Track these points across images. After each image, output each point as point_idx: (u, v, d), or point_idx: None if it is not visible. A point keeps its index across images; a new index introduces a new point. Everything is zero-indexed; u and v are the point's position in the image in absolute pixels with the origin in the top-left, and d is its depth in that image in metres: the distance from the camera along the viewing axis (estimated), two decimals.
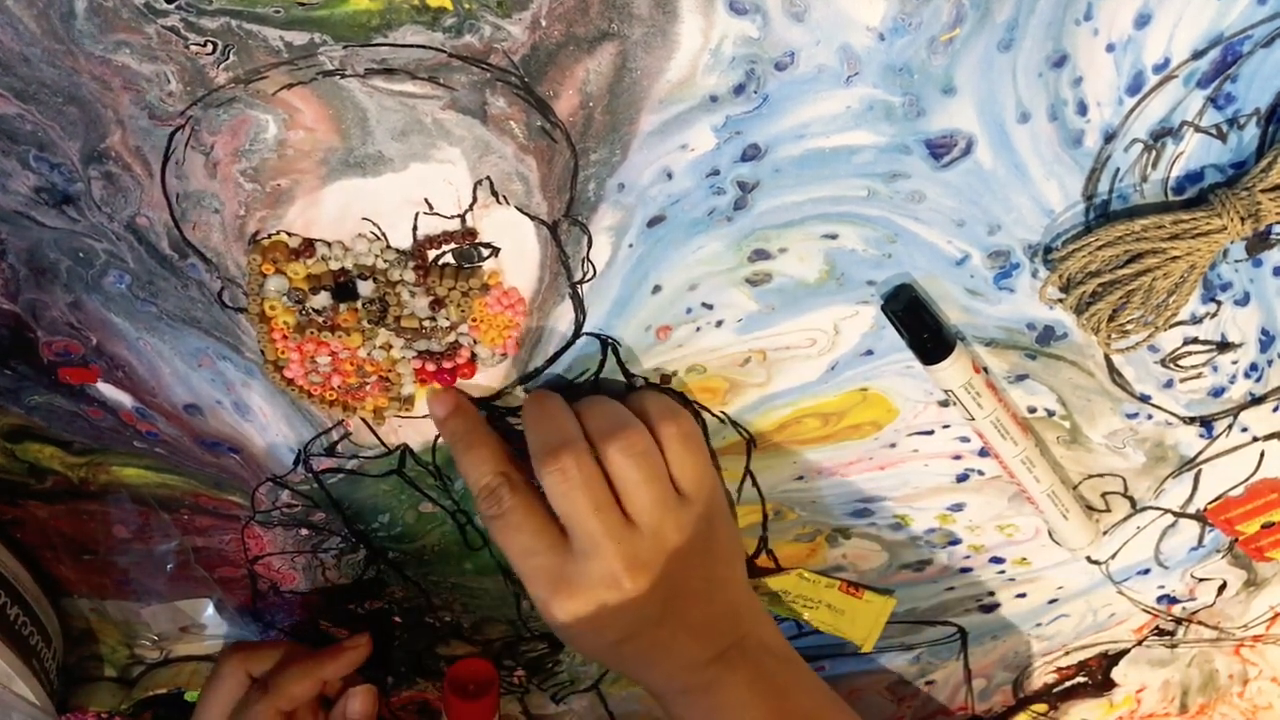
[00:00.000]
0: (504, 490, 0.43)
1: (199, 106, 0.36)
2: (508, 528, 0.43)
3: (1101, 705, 0.63)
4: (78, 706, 0.58)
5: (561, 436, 0.42)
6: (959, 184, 0.39)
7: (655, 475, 0.42)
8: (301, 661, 0.53)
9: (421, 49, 0.35)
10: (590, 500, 0.41)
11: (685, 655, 0.44)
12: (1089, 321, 0.41)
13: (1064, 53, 0.36)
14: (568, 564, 0.42)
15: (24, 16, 0.33)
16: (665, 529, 0.43)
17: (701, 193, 0.39)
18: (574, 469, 0.41)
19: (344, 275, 0.40)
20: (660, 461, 0.43)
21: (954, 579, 0.55)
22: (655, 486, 0.42)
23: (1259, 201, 0.37)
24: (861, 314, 0.43)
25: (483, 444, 0.44)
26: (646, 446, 0.42)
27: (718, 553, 0.45)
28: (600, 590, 0.42)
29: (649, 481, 0.42)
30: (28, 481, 0.49)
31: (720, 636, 0.44)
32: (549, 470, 0.41)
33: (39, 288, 0.41)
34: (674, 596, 0.43)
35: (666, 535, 0.43)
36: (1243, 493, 0.50)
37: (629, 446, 0.42)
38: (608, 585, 0.42)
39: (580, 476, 0.41)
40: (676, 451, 0.43)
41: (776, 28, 0.35)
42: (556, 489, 0.42)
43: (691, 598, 0.44)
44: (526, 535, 0.43)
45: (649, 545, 0.42)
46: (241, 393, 0.45)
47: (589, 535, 0.42)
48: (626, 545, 0.42)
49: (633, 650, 0.44)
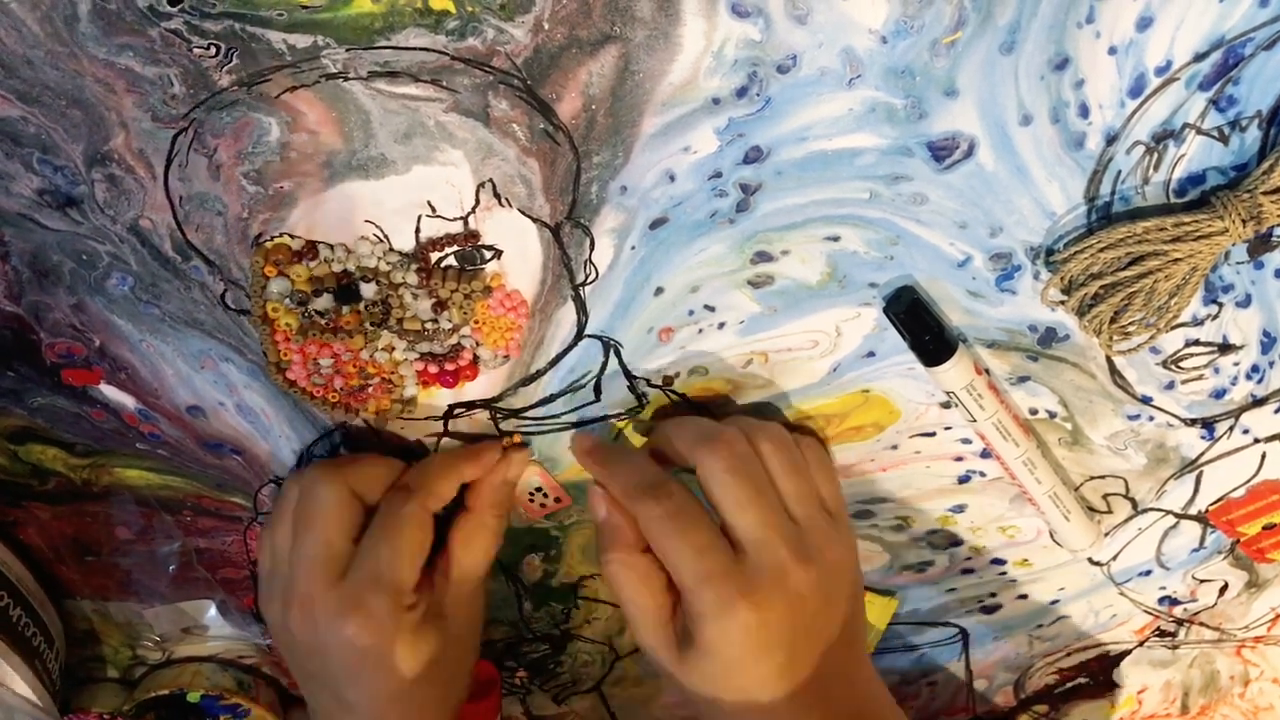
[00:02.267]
0: (672, 484, 0.41)
1: (202, 109, 0.36)
2: (681, 524, 0.40)
3: (1103, 706, 0.63)
4: (80, 707, 0.58)
5: (717, 427, 0.41)
6: (961, 186, 0.39)
7: (803, 471, 0.42)
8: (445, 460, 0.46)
9: (424, 52, 0.35)
10: (756, 481, 0.40)
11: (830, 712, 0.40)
12: (1091, 323, 0.41)
13: (1066, 55, 0.36)
14: (740, 562, 0.39)
15: (28, 19, 0.34)
16: (819, 529, 0.41)
17: (704, 195, 0.39)
18: (741, 445, 0.40)
19: (346, 277, 0.41)
20: (805, 463, 0.42)
21: (956, 580, 0.55)
22: (805, 480, 0.41)
23: (1260, 204, 0.37)
24: (863, 316, 0.43)
25: (634, 454, 0.44)
26: (791, 443, 0.42)
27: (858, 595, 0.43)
28: (777, 586, 0.39)
29: (799, 473, 0.41)
30: (30, 483, 0.49)
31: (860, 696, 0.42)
32: (714, 452, 0.40)
33: (42, 290, 0.41)
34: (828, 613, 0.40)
35: (820, 538, 0.41)
36: (1244, 494, 0.50)
37: (776, 436, 0.41)
38: (782, 578, 0.39)
39: (746, 454, 0.40)
40: (818, 469, 0.43)
41: (779, 30, 0.35)
42: (720, 468, 0.40)
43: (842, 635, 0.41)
44: (702, 531, 0.40)
45: (809, 540, 0.40)
46: (244, 394, 0.45)
47: (758, 523, 0.39)
48: (792, 536, 0.40)
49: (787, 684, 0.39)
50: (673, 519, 0.40)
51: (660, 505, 0.40)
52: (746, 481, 0.40)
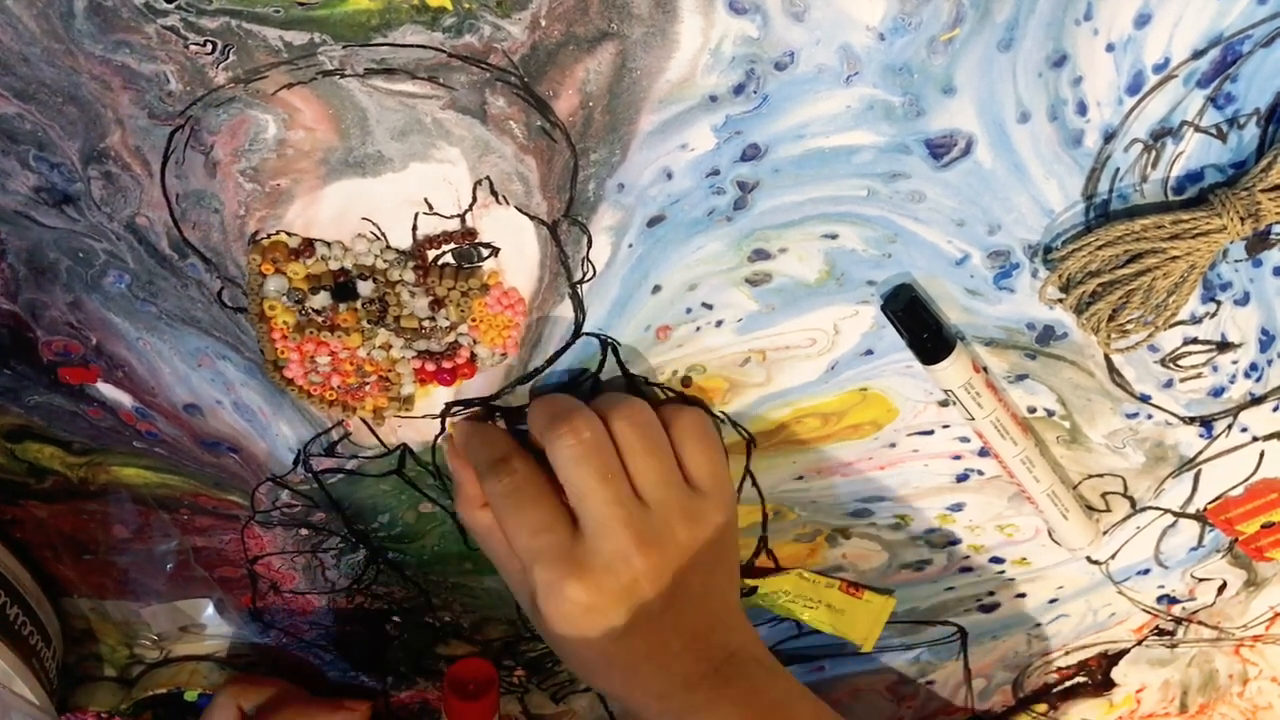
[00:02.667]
0: (515, 460, 0.42)
1: (199, 106, 0.36)
2: (519, 502, 0.41)
3: (1101, 705, 0.63)
4: (77, 706, 0.58)
5: (570, 406, 0.41)
6: (959, 184, 0.39)
7: (660, 448, 0.42)
8: (295, 705, 0.54)
9: (421, 49, 0.35)
10: (600, 466, 0.40)
11: (677, 667, 0.42)
12: (1089, 321, 0.41)
13: (1064, 52, 0.36)
14: (578, 544, 0.41)
15: (24, 16, 0.33)
16: (671, 511, 0.41)
17: (701, 192, 0.39)
18: (585, 431, 0.40)
19: (344, 275, 0.40)
20: (665, 440, 0.42)
21: (954, 579, 0.55)
22: (661, 460, 0.41)
23: (1259, 201, 0.37)
24: (861, 314, 0.43)
25: (490, 429, 0.44)
26: (650, 419, 0.42)
27: (722, 555, 0.44)
28: (611, 570, 0.40)
29: (654, 453, 0.41)
30: (27, 481, 0.49)
31: (713, 649, 0.43)
32: (559, 434, 0.40)
33: (39, 288, 0.41)
34: (676, 590, 0.41)
35: (672, 519, 0.41)
36: (1242, 493, 0.50)
37: (631, 416, 0.41)
38: (619, 563, 0.40)
39: (592, 439, 0.40)
40: (688, 443, 0.43)
41: (776, 27, 0.35)
42: (567, 453, 0.40)
43: (690, 599, 0.42)
44: (539, 509, 0.41)
45: (657, 523, 0.41)
46: (241, 393, 0.45)
47: (600, 506, 0.40)
48: (637, 520, 0.40)
49: (625, 653, 0.42)
50: (510, 496, 0.41)
51: (500, 483, 0.42)
52: (589, 466, 0.40)
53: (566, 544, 0.41)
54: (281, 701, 0.54)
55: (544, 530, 0.41)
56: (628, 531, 0.40)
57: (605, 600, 0.40)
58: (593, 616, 0.41)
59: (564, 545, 0.41)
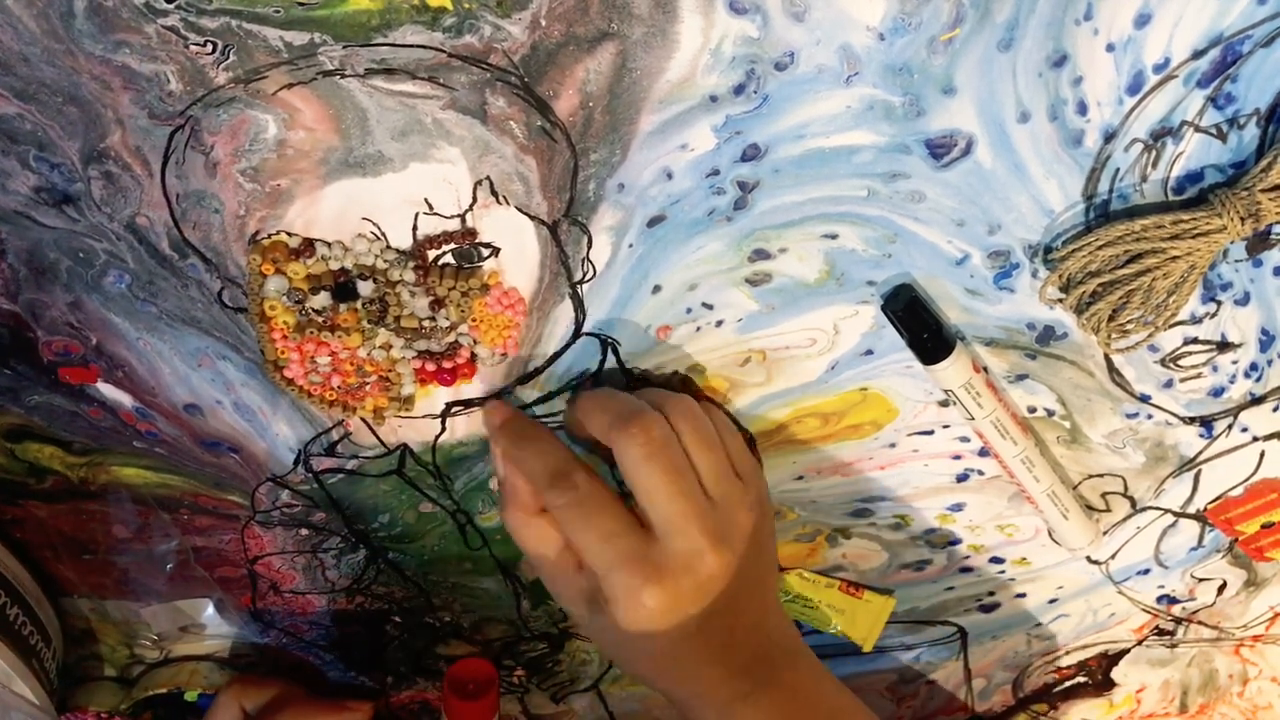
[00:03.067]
0: (579, 474, 0.41)
1: (199, 106, 0.36)
2: (587, 512, 0.41)
3: (1101, 705, 0.63)
4: (77, 706, 0.58)
5: (634, 406, 0.41)
6: (959, 184, 0.39)
7: (716, 444, 0.42)
8: (296, 705, 0.54)
9: (421, 49, 0.35)
10: (672, 464, 0.40)
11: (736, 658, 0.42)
12: (1089, 321, 0.41)
13: (1064, 52, 0.36)
14: (652, 545, 0.40)
15: (24, 16, 0.33)
16: (733, 505, 0.41)
17: (701, 193, 0.39)
18: (655, 429, 0.40)
19: (344, 275, 0.40)
20: (717, 435, 0.42)
21: (954, 579, 0.55)
22: (719, 454, 0.42)
23: (1259, 201, 0.37)
24: (861, 314, 0.43)
25: (543, 436, 0.43)
26: (704, 415, 0.42)
27: (766, 545, 0.44)
28: (689, 570, 0.40)
29: (713, 448, 0.41)
30: (28, 481, 0.49)
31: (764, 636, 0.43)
32: (630, 433, 0.40)
33: (39, 288, 0.41)
34: (739, 583, 0.41)
35: (735, 511, 0.41)
36: (1242, 493, 0.50)
37: (690, 411, 0.41)
38: (695, 562, 0.40)
39: (662, 438, 0.40)
40: (725, 435, 0.43)
41: (776, 27, 0.35)
42: (639, 452, 0.40)
43: (747, 589, 0.42)
44: (608, 517, 0.40)
45: (723, 518, 0.41)
46: (241, 393, 0.45)
47: (673, 506, 0.40)
48: (708, 517, 0.40)
49: (691, 651, 0.42)
50: (578, 507, 0.41)
51: (564, 495, 0.41)
52: (665, 468, 0.40)
53: (641, 548, 0.40)
54: (283, 702, 0.55)
55: (618, 536, 0.40)
56: (700, 529, 0.40)
57: (683, 601, 0.40)
58: (669, 618, 0.40)
59: (639, 550, 0.40)
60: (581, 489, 0.41)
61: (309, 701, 0.56)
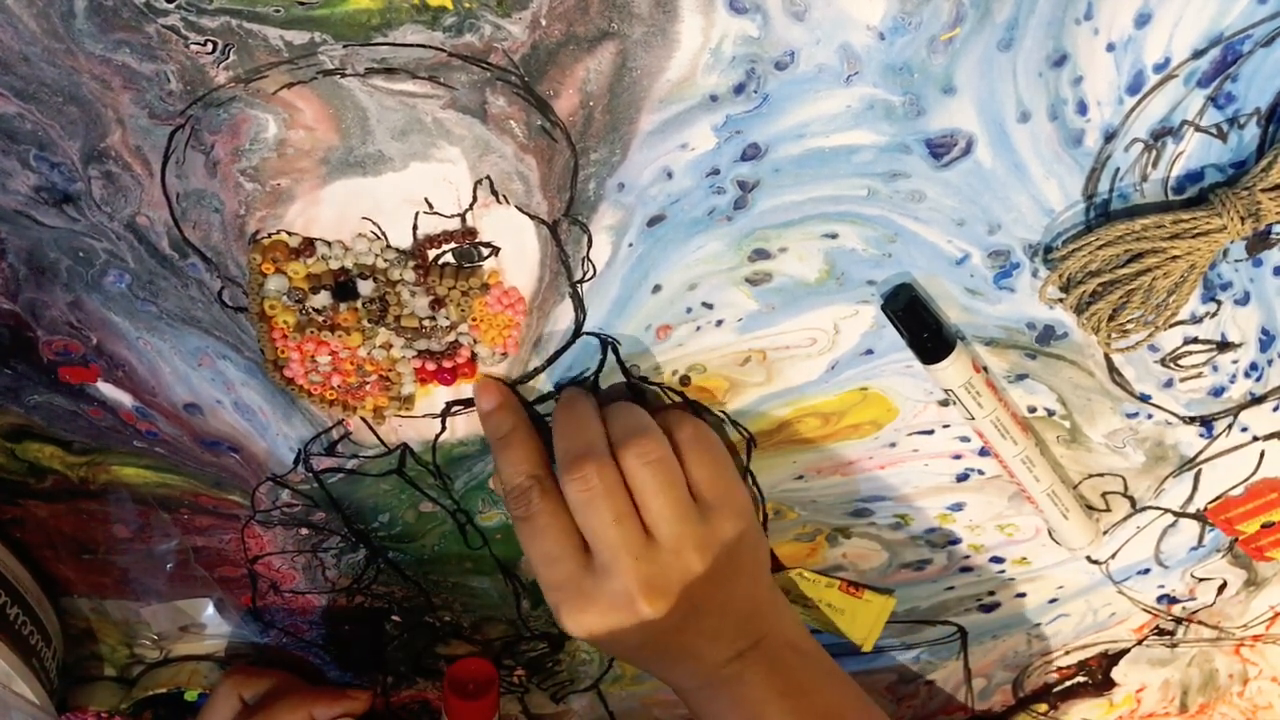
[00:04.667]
0: (534, 494, 0.43)
1: (199, 106, 0.36)
2: (534, 531, 0.43)
3: (1101, 705, 0.63)
4: (78, 706, 0.58)
5: (586, 445, 0.42)
6: (959, 183, 0.39)
7: (671, 483, 0.42)
8: (295, 694, 0.55)
9: (421, 48, 0.35)
10: (611, 510, 0.41)
11: (704, 657, 0.44)
12: (1089, 321, 0.41)
13: (1064, 52, 0.36)
14: (586, 577, 0.42)
15: (24, 16, 0.33)
16: (684, 545, 0.42)
17: (701, 192, 0.39)
18: (595, 478, 0.41)
19: (344, 274, 0.40)
20: (677, 471, 0.43)
21: (954, 578, 0.55)
22: (671, 495, 0.42)
23: (1259, 201, 0.37)
24: (861, 313, 0.43)
25: (521, 444, 0.44)
26: (663, 454, 0.42)
27: (740, 563, 0.44)
28: (615, 610, 0.42)
29: (665, 490, 0.42)
30: (28, 481, 0.49)
31: (739, 638, 0.44)
32: (572, 479, 0.41)
33: (39, 287, 0.41)
34: (691, 612, 0.43)
35: (685, 553, 0.42)
36: (1243, 492, 0.50)
37: (645, 453, 0.42)
38: (622, 605, 0.42)
39: (602, 486, 0.41)
40: (691, 455, 0.43)
41: (777, 27, 0.35)
42: (579, 498, 0.42)
43: (708, 611, 0.43)
44: (550, 541, 0.42)
45: (667, 563, 0.42)
46: (241, 392, 0.45)
47: (609, 548, 0.42)
48: (645, 564, 0.42)
49: (650, 654, 0.44)
50: (528, 523, 0.43)
51: (518, 509, 0.43)
52: (600, 509, 0.41)
53: (577, 575, 0.42)
54: (282, 691, 0.55)
55: (557, 561, 0.43)
56: (634, 576, 0.41)
57: (611, 631, 0.42)
58: (603, 641, 0.43)
59: (574, 577, 0.42)
60: (534, 507, 0.43)
61: (308, 690, 0.56)
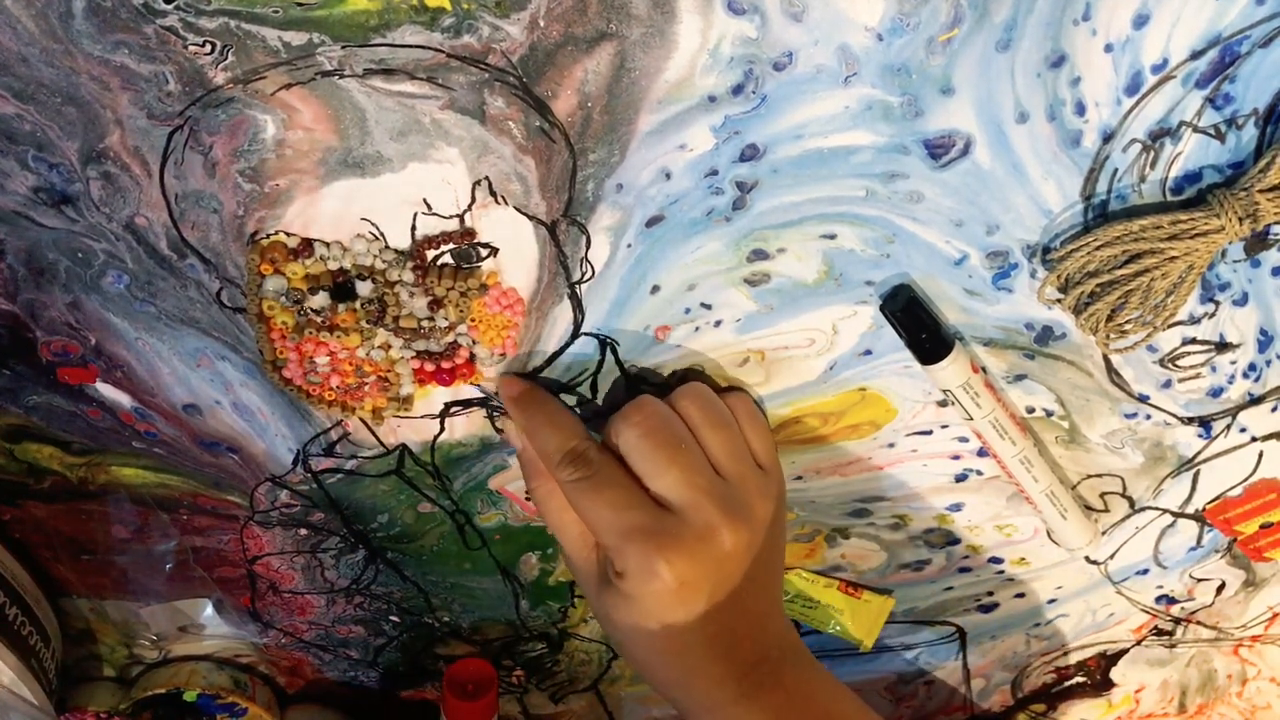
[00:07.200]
0: (592, 451, 0.41)
1: (197, 106, 0.36)
2: (599, 485, 0.40)
3: (1100, 705, 0.63)
4: (77, 706, 0.58)
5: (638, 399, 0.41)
6: (957, 184, 0.39)
7: (729, 424, 0.41)
8: None
9: (420, 49, 0.35)
10: (671, 440, 0.40)
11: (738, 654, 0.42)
12: (1087, 321, 0.41)
13: (1062, 53, 0.36)
14: (666, 516, 0.40)
15: (22, 16, 0.33)
16: (749, 485, 0.41)
17: (700, 193, 0.39)
18: (656, 415, 0.40)
19: (342, 275, 0.40)
20: (732, 417, 0.42)
21: (953, 579, 0.55)
22: (732, 434, 0.41)
23: (1257, 202, 0.37)
24: (860, 314, 0.43)
25: (559, 412, 0.43)
26: (715, 398, 0.42)
27: (780, 540, 0.43)
28: (704, 540, 0.39)
29: (724, 427, 0.41)
30: (26, 481, 0.49)
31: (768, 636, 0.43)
32: (626, 420, 0.40)
33: (38, 288, 0.41)
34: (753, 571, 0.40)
35: (751, 493, 0.41)
36: (1241, 493, 0.50)
37: (698, 393, 0.41)
38: (710, 535, 0.39)
39: (657, 416, 0.40)
40: (745, 422, 0.43)
41: (775, 28, 0.35)
42: (633, 432, 0.40)
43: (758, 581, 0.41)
44: (619, 489, 0.40)
45: (739, 499, 0.40)
46: (240, 393, 0.45)
47: (679, 481, 0.39)
48: (720, 492, 0.40)
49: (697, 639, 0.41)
50: (590, 481, 0.40)
51: (577, 471, 0.41)
52: (663, 442, 0.40)
53: (655, 521, 0.40)
54: None
55: (630, 508, 0.40)
56: (713, 503, 0.40)
57: (698, 574, 0.39)
58: (683, 594, 0.40)
59: (653, 522, 0.40)
60: (594, 464, 0.41)
61: None
